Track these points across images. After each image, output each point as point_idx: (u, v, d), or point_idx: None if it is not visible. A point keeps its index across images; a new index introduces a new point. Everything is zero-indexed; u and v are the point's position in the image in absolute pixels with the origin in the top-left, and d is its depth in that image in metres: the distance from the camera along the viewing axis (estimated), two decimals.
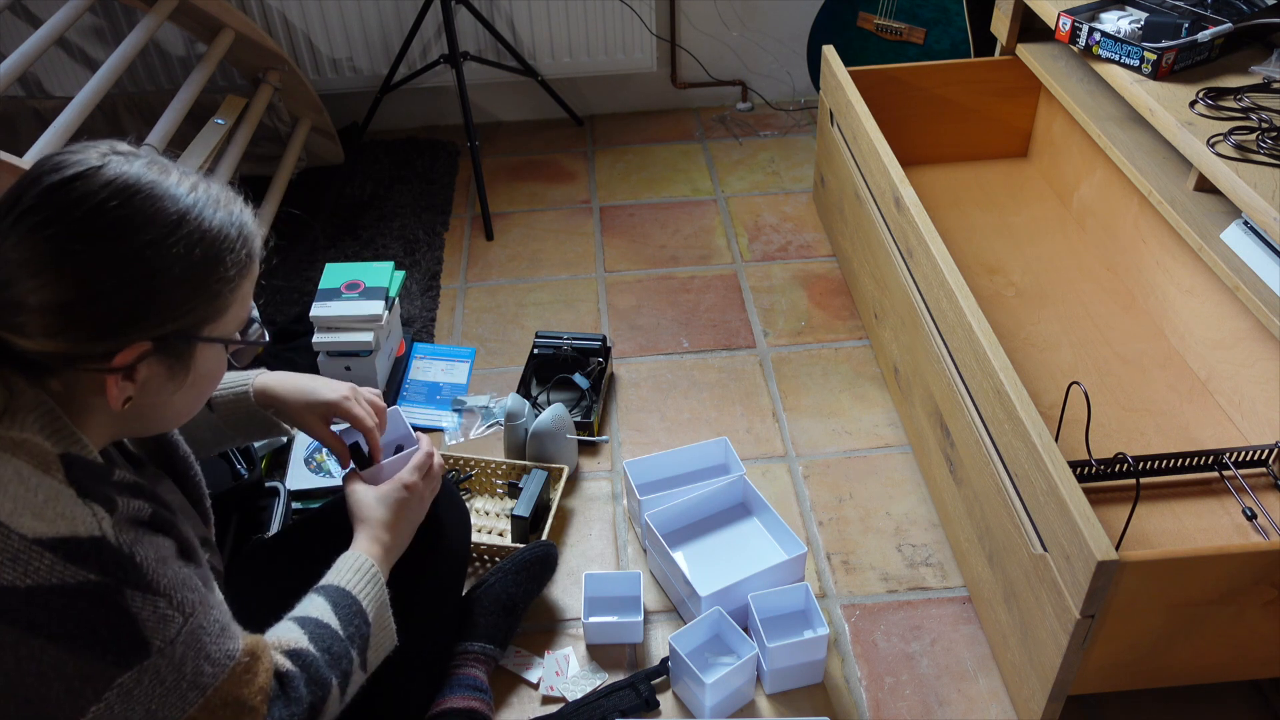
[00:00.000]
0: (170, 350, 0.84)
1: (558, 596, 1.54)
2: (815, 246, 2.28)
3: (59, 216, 0.78)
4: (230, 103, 2.21)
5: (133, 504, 0.81)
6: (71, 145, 0.83)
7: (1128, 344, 1.81)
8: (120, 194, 0.79)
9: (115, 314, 0.80)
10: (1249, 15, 1.71)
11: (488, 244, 2.34)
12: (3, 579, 0.74)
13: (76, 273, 0.78)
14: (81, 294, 0.78)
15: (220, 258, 0.84)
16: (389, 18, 2.56)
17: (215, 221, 0.84)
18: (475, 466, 1.69)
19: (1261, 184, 1.41)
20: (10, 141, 2.43)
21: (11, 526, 0.75)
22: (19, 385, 0.80)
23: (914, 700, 1.39)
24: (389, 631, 1.10)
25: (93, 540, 0.77)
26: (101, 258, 0.78)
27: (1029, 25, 2.11)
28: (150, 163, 0.84)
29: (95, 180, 0.79)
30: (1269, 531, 1.44)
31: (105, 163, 0.81)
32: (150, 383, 0.84)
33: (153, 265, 0.80)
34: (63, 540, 0.76)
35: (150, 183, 0.81)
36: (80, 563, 0.76)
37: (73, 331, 0.79)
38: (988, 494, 1.38)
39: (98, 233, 0.78)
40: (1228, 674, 1.29)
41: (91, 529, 0.77)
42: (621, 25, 2.61)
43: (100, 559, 0.77)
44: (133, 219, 0.79)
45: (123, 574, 0.77)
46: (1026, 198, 2.22)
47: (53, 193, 0.78)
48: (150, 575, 0.79)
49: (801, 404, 1.87)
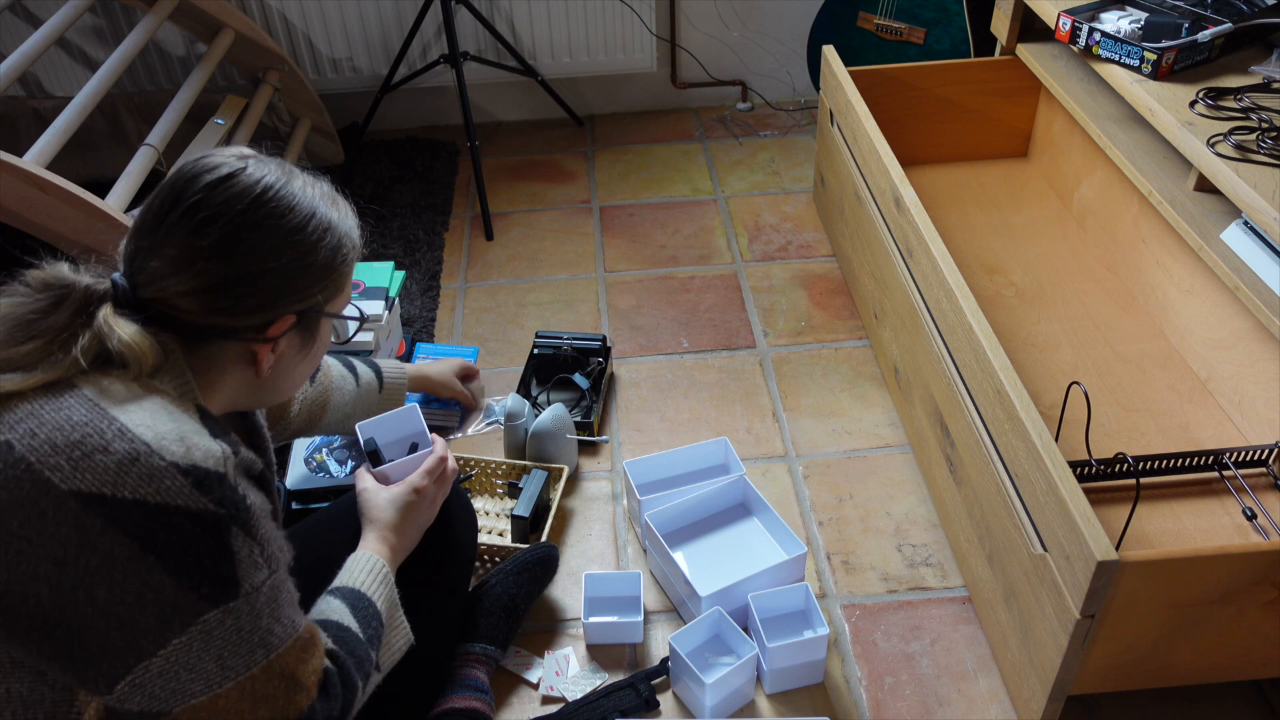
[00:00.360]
0: (306, 323, 0.98)
1: (558, 596, 1.54)
2: (815, 246, 2.28)
3: (225, 209, 0.90)
4: (230, 103, 2.21)
5: (247, 456, 0.91)
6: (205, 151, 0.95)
7: (1128, 344, 1.81)
8: (269, 190, 0.92)
9: (272, 290, 0.92)
10: (1249, 15, 1.71)
11: (488, 244, 2.34)
12: (137, 493, 0.80)
13: (244, 255, 0.90)
14: (247, 273, 0.90)
15: (341, 243, 0.98)
16: (389, 18, 2.56)
17: (335, 214, 0.98)
18: (475, 466, 1.69)
19: (1261, 184, 1.41)
20: (10, 141, 2.43)
21: (155, 448, 0.82)
22: (173, 352, 0.90)
23: (914, 700, 1.39)
24: (401, 630, 1.11)
25: (218, 475, 0.84)
26: (264, 242, 0.91)
27: (1029, 25, 2.11)
28: (279, 165, 0.96)
29: (247, 179, 0.91)
30: (1269, 531, 1.44)
31: (246, 164, 0.93)
32: (286, 353, 0.98)
33: (300, 248, 0.93)
34: (195, 467, 0.83)
35: (285, 182, 0.94)
36: (206, 491, 0.83)
37: (238, 306, 0.91)
38: (988, 494, 1.38)
39: (258, 222, 0.91)
40: (1228, 674, 1.29)
41: (218, 464, 0.85)
42: (621, 25, 2.61)
43: (221, 492, 0.84)
44: (282, 211, 0.92)
45: (235, 511, 0.85)
46: (1026, 198, 2.22)
47: (214, 189, 0.90)
48: (255, 521, 0.87)
49: (801, 404, 1.87)
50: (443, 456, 1.26)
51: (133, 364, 0.87)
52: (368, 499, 1.19)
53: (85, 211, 1.62)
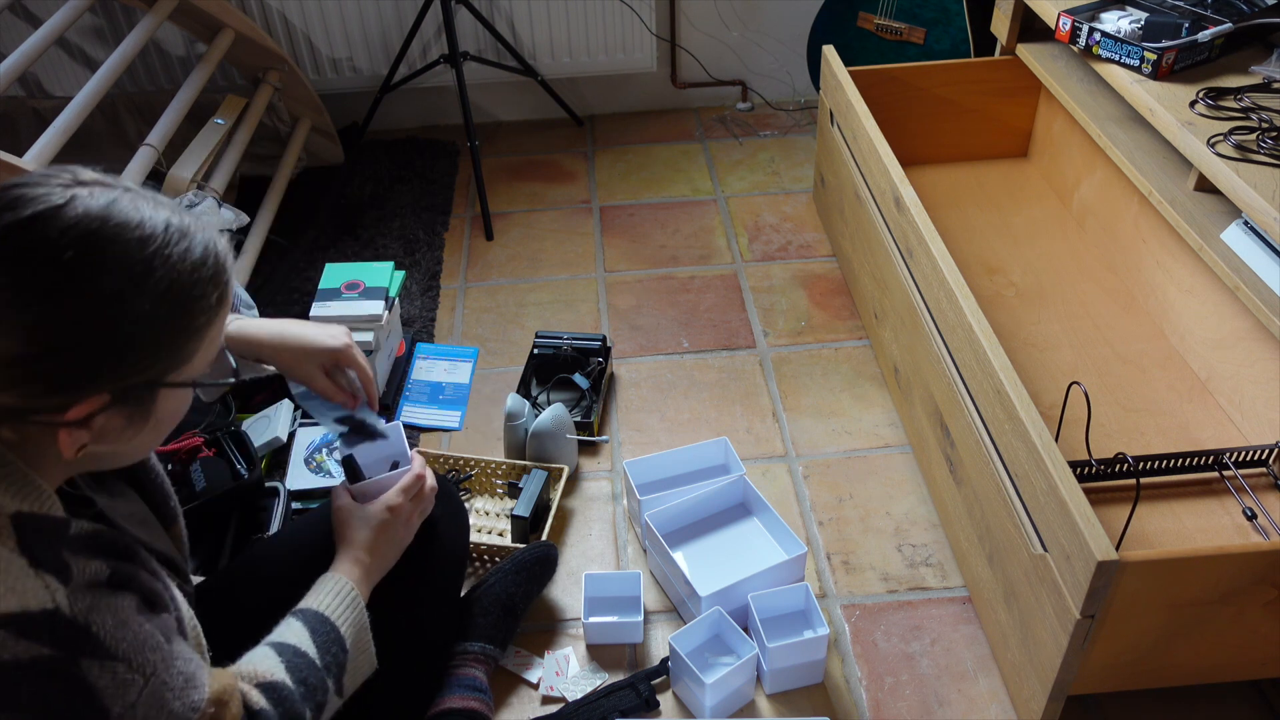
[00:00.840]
0: (131, 399, 0.79)
1: (558, 596, 1.54)
2: (815, 246, 2.28)
3: (15, 263, 0.72)
4: (230, 103, 2.21)
5: (90, 567, 0.77)
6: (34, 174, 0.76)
7: (1128, 344, 1.81)
8: (84, 240, 0.73)
9: (73, 369, 0.74)
10: (1249, 15, 1.71)
11: (488, 244, 2.34)
12: None
13: (31, 326, 0.72)
14: (36, 349, 0.72)
15: (190, 306, 0.78)
16: (389, 18, 2.56)
17: (187, 264, 0.77)
18: (475, 466, 1.69)
19: (1261, 184, 1.41)
20: (10, 141, 2.43)
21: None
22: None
23: (914, 700, 1.39)
24: (368, 655, 1.09)
25: (45, 614, 0.73)
26: (60, 310, 0.72)
27: (1029, 25, 2.11)
28: (115, 200, 0.75)
29: (56, 222, 0.72)
30: (1269, 531, 1.44)
31: (68, 199, 0.73)
32: (107, 431, 0.79)
33: (116, 319, 0.74)
34: (13, 616, 0.72)
35: (117, 225, 0.74)
36: (33, 637, 0.72)
37: (24, 386, 0.74)
38: (988, 494, 1.38)
39: (57, 283, 0.72)
40: (1228, 674, 1.29)
41: (44, 602, 0.73)
42: (621, 25, 2.61)
43: (54, 632, 0.73)
44: (96, 268, 0.73)
45: (77, 645, 0.74)
46: (1026, 198, 2.22)
47: (8, 235, 0.72)
48: (107, 642, 0.75)
49: (801, 404, 1.87)
50: (419, 474, 1.20)
51: None
52: (341, 518, 1.15)
53: None
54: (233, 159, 2.08)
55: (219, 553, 1.46)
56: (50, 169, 0.77)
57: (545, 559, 1.50)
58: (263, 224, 2.14)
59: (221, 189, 1.96)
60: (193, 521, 1.45)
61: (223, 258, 0.82)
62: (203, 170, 1.97)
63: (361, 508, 1.16)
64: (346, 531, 1.14)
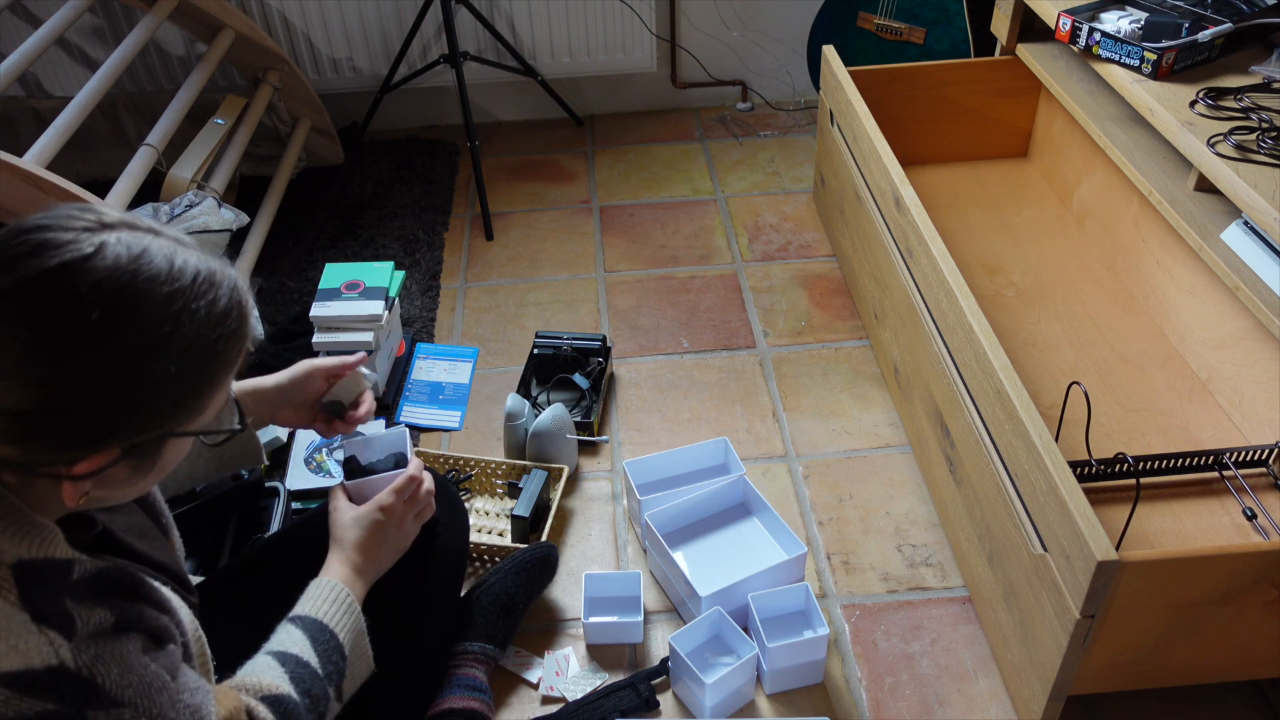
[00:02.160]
0: (140, 453, 0.77)
1: (558, 596, 1.54)
2: (815, 246, 2.28)
3: (36, 317, 0.68)
4: (230, 103, 2.21)
5: (94, 617, 0.75)
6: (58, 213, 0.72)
7: (1128, 344, 1.81)
8: (109, 298, 0.69)
9: (86, 428, 0.71)
10: (1249, 15, 1.71)
11: (488, 244, 2.34)
12: None
13: (47, 383, 0.69)
14: (48, 405, 0.69)
15: (212, 361, 0.76)
16: (389, 18, 2.56)
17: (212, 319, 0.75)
18: (475, 466, 1.69)
19: (1261, 184, 1.41)
20: (10, 141, 2.43)
21: None
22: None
23: (914, 700, 1.39)
24: (365, 660, 1.09)
25: (49, 670, 0.71)
26: (79, 370, 0.69)
27: (1029, 25, 2.11)
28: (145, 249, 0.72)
29: (84, 278, 0.69)
30: (1269, 531, 1.44)
31: (97, 249, 0.70)
32: (112, 481, 0.77)
33: (136, 380, 0.71)
34: (17, 675, 0.70)
35: (146, 279, 0.71)
36: (37, 694, 0.71)
37: (32, 441, 0.71)
38: (988, 494, 1.38)
39: (77, 342, 0.69)
40: (1228, 674, 1.29)
41: (48, 659, 0.71)
42: (621, 25, 2.61)
43: (58, 688, 0.71)
44: (120, 328, 0.69)
45: (83, 698, 0.72)
46: (1026, 198, 2.22)
47: (32, 286, 0.68)
48: (113, 691, 0.74)
49: (801, 404, 1.87)
50: (414, 476, 1.18)
51: None
52: (335, 518, 1.15)
53: None
54: (233, 159, 2.08)
55: (219, 553, 1.46)
56: (73, 207, 0.73)
57: (546, 559, 1.50)
58: (263, 224, 2.14)
59: (221, 189, 1.96)
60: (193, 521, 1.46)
61: (246, 309, 0.80)
62: (203, 170, 1.97)
63: (354, 508, 1.16)
64: (338, 531, 1.14)
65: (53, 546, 0.77)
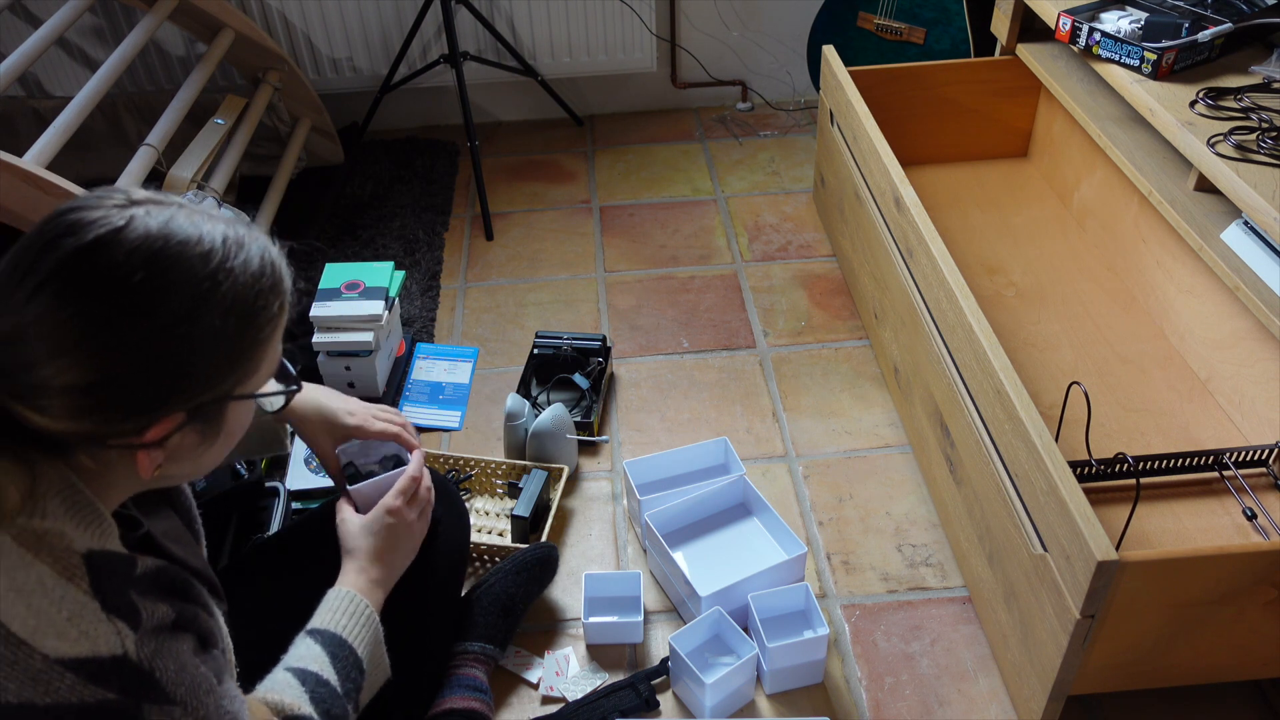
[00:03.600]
0: (204, 416, 0.79)
1: (558, 596, 1.54)
2: (815, 246, 2.28)
3: (81, 292, 0.71)
4: (230, 103, 2.21)
5: (157, 611, 0.78)
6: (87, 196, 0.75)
7: (1128, 344, 1.81)
8: (147, 263, 0.72)
9: (147, 392, 0.74)
10: (1249, 15, 1.71)
11: (488, 244, 2.34)
12: (22, 696, 0.71)
13: (104, 353, 0.72)
14: (109, 375, 0.72)
15: (255, 316, 0.78)
16: (389, 18, 2.56)
17: (249, 275, 0.77)
18: (475, 466, 1.69)
19: (1261, 184, 1.41)
20: (10, 141, 2.43)
21: (34, 645, 0.71)
22: (40, 464, 0.75)
23: (914, 700, 1.39)
24: (382, 668, 1.09)
25: (114, 660, 0.73)
26: (131, 336, 0.72)
27: (1029, 25, 2.11)
28: (172, 217, 0.75)
29: (119, 248, 0.72)
30: (1269, 531, 1.44)
31: (127, 221, 0.73)
32: (181, 449, 0.80)
33: (186, 339, 0.74)
34: (85, 661, 0.72)
35: (179, 243, 0.74)
36: (101, 683, 0.73)
37: (101, 413, 0.73)
38: (988, 494, 1.38)
39: (125, 309, 0.72)
40: (1228, 674, 1.29)
41: (114, 648, 0.73)
42: (621, 25, 2.61)
43: (121, 678, 0.73)
44: (162, 290, 0.73)
45: (142, 691, 0.74)
46: (1026, 198, 2.22)
47: (72, 263, 0.71)
48: (168, 687, 0.76)
49: (801, 404, 1.87)
50: (414, 476, 1.17)
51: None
52: (344, 530, 1.15)
53: None
54: (233, 159, 2.08)
55: (219, 553, 1.46)
56: (101, 190, 0.76)
57: (546, 560, 1.50)
58: (263, 224, 2.14)
59: (221, 189, 1.96)
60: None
61: (279, 264, 0.82)
62: (203, 170, 1.97)
63: (361, 517, 1.16)
64: (349, 542, 1.14)
65: (114, 541, 0.78)
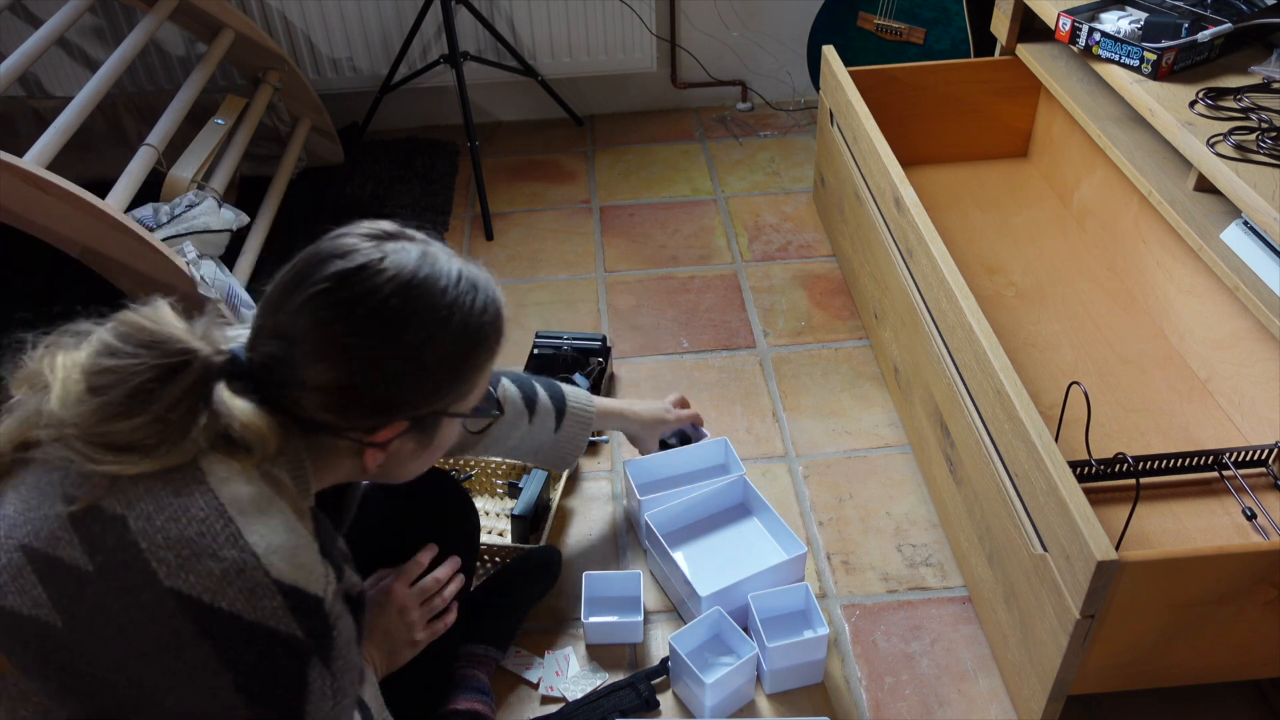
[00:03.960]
0: (423, 426, 0.92)
1: (558, 596, 1.54)
2: (815, 246, 2.28)
3: (347, 309, 0.84)
4: (230, 103, 2.21)
5: (351, 577, 0.87)
6: (348, 227, 0.89)
7: (1128, 344, 1.81)
8: (401, 291, 0.85)
9: (385, 399, 0.87)
10: (1249, 15, 1.71)
11: (488, 244, 2.34)
12: (235, 606, 0.77)
13: (356, 362, 0.84)
14: (359, 380, 0.85)
15: (479, 345, 0.91)
16: (389, 18, 2.56)
17: (476, 311, 0.90)
18: (475, 466, 1.69)
19: (1261, 184, 1.41)
20: (10, 141, 2.44)
21: (262, 560, 0.78)
22: (294, 434, 0.86)
23: (914, 700, 1.39)
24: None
25: (315, 600, 0.80)
26: (381, 350, 0.85)
27: (1029, 25, 2.11)
28: (422, 253, 0.88)
29: (379, 275, 0.85)
30: (1269, 531, 1.44)
31: (385, 253, 0.86)
32: (400, 453, 0.92)
33: (423, 358, 0.87)
34: (296, 590, 0.79)
35: (425, 277, 0.87)
36: (300, 616, 0.79)
37: (346, 411, 0.86)
38: (988, 494, 1.38)
39: (379, 327, 0.85)
40: (1228, 674, 1.29)
41: (319, 589, 0.81)
42: (621, 25, 2.61)
43: (313, 620, 0.80)
44: (411, 315, 0.86)
45: (319, 642, 0.80)
46: (1026, 198, 2.22)
47: (341, 283, 0.84)
48: (335, 652, 0.82)
49: (801, 404, 1.87)
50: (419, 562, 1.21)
51: (256, 448, 0.82)
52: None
53: (85, 211, 1.62)
54: (233, 159, 2.08)
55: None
56: (360, 223, 0.90)
57: (548, 563, 1.50)
58: (263, 224, 2.14)
59: (221, 189, 1.96)
60: None
61: (500, 304, 0.95)
62: (203, 170, 1.97)
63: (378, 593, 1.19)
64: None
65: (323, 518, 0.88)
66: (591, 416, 1.48)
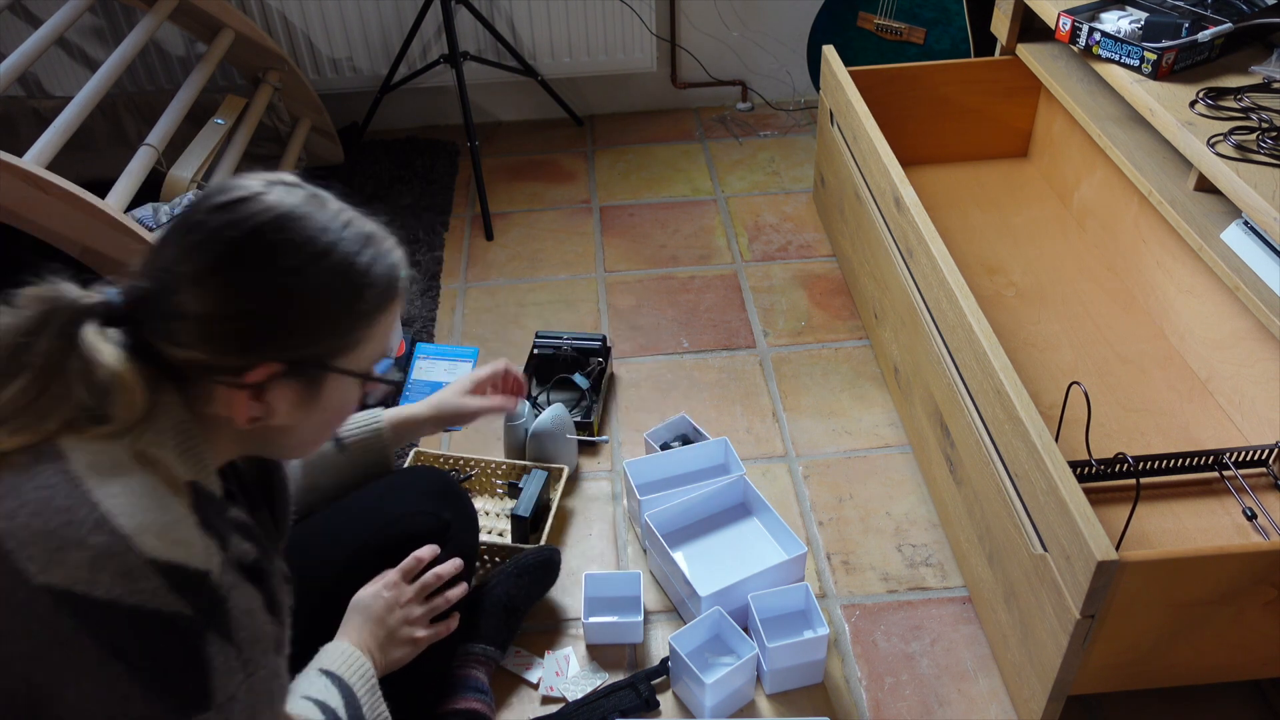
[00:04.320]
0: (301, 375, 0.87)
1: (558, 597, 1.54)
2: (815, 246, 2.28)
3: (219, 235, 0.82)
4: (230, 103, 2.21)
5: (242, 547, 0.83)
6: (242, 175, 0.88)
7: (1128, 344, 1.81)
8: (276, 221, 0.83)
9: (252, 332, 0.83)
10: (1249, 15, 1.71)
11: (488, 244, 2.34)
12: (111, 593, 0.74)
13: (223, 288, 0.82)
14: (225, 308, 0.82)
15: (358, 292, 0.87)
16: (389, 18, 2.56)
17: (360, 259, 0.87)
18: (475, 466, 1.69)
19: (1261, 184, 1.41)
20: (10, 141, 2.43)
21: (134, 542, 0.75)
22: (167, 394, 0.83)
23: (914, 700, 1.39)
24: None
25: (198, 574, 0.77)
26: (248, 278, 0.83)
27: (1029, 25, 2.11)
28: (310, 196, 0.87)
29: (257, 203, 0.84)
30: (1269, 531, 1.44)
31: (268, 190, 0.85)
32: (279, 406, 0.87)
33: (292, 291, 0.84)
34: (175, 567, 0.76)
35: (306, 214, 0.85)
36: (182, 593, 0.76)
37: (215, 343, 0.82)
38: (988, 494, 1.38)
39: (249, 254, 0.83)
40: (1228, 674, 1.29)
41: (201, 563, 0.78)
42: (621, 25, 2.61)
43: (199, 595, 0.77)
44: (282, 245, 0.83)
45: (212, 617, 0.78)
46: (1026, 198, 2.22)
47: (217, 212, 0.83)
48: (233, 626, 0.79)
49: (801, 404, 1.87)
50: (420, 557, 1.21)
51: (120, 408, 0.79)
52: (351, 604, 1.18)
53: (85, 211, 1.62)
54: (233, 159, 2.08)
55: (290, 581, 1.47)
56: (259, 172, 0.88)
57: (548, 563, 1.50)
58: None
59: None
60: None
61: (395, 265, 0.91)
62: (203, 170, 1.97)
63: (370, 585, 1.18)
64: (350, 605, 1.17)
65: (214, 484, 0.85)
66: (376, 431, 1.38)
